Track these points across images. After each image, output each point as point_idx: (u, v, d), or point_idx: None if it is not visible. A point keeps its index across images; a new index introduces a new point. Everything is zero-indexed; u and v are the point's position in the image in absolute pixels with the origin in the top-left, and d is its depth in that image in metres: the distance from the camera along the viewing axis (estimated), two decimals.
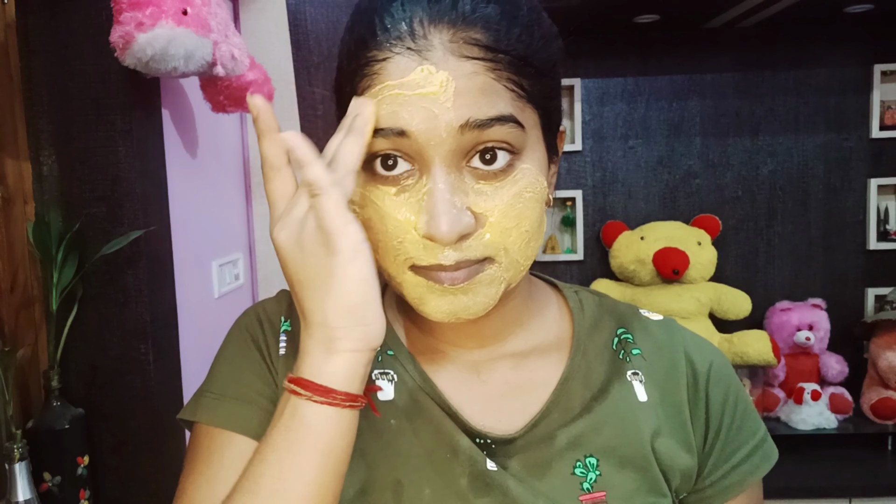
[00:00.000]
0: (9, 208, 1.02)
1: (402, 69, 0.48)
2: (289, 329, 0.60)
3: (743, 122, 1.99)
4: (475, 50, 0.47)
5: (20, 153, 1.05)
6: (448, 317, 0.51)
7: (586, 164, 2.00)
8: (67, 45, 1.05)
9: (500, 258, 0.51)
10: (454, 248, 0.49)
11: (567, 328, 0.62)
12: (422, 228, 0.48)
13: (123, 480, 1.10)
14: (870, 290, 2.00)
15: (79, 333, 1.08)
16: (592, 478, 0.55)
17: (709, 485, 0.59)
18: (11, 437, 0.93)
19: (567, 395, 0.58)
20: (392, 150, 0.49)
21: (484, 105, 0.48)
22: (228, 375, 0.59)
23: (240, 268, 1.63)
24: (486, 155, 0.49)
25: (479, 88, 0.47)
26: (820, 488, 1.65)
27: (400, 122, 0.48)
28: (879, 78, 1.94)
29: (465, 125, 0.47)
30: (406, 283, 0.52)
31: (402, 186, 0.50)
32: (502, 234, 0.50)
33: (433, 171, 0.48)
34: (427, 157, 0.48)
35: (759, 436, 0.60)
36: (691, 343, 0.62)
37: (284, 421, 0.47)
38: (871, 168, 1.98)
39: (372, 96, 0.49)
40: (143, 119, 1.12)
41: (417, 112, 0.47)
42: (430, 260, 0.49)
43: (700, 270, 1.86)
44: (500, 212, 0.50)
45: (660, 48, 1.96)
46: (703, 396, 0.59)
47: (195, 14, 1.01)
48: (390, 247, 0.51)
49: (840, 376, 1.91)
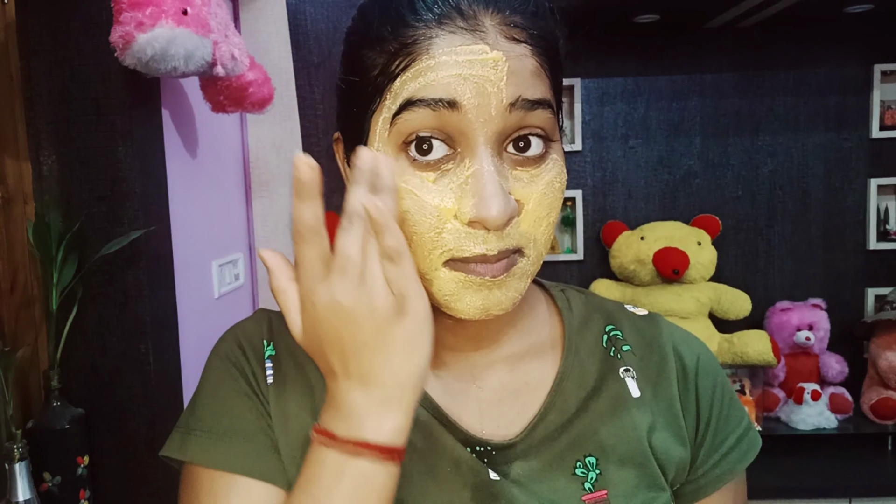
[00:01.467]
0: (9, 208, 1.02)
1: (456, 45, 0.47)
2: (273, 354, 0.58)
3: (743, 122, 1.99)
4: (524, 35, 0.48)
5: (20, 153, 1.05)
6: (480, 313, 0.50)
7: (586, 164, 2.00)
8: (67, 45, 1.05)
9: (529, 250, 0.50)
10: (497, 235, 0.48)
11: (557, 327, 0.62)
12: (469, 213, 0.47)
13: (123, 480, 1.10)
14: (870, 290, 2.00)
15: (79, 333, 1.08)
16: (593, 477, 0.55)
17: (701, 475, 0.59)
18: (11, 437, 0.93)
19: (563, 395, 0.58)
20: (434, 128, 0.47)
21: (532, 87, 0.48)
22: (218, 411, 0.56)
23: (240, 268, 1.63)
24: (520, 143, 0.49)
25: (528, 70, 0.48)
26: (820, 488, 1.65)
27: (452, 93, 0.46)
28: (879, 78, 1.94)
29: (514, 104, 0.47)
30: (438, 280, 0.49)
31: (442, 171, 0.48)
32: (535, 223, 0.50)
33: (478, 153, 0.47)
34: (472, 136, 0.47)
35: (745, 424, 0.61)
36: (678, 337, 0.62)
37: (348, 483, 0.45)
38: (871, 168, 1.98)
39: (419, 70, 0.47)
40: (143, 119, 1.12)
41: (470, 86, 0.47)
42: (474, 250, 0.48)
43: (700, 270, 1.86)
44: (536, 200, 0.49)
45: (660, 48, 1.96)
46: (693, 389, 0.60)
47: (195, 14, 1.01)
48: (426, 239, 0.48)
49: (840, 376, 1.91)
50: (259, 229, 1.69)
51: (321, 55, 1.89)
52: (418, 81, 0.47)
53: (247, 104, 1.26)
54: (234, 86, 1.20)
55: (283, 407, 0.56)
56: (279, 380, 0.57)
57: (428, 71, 0.47)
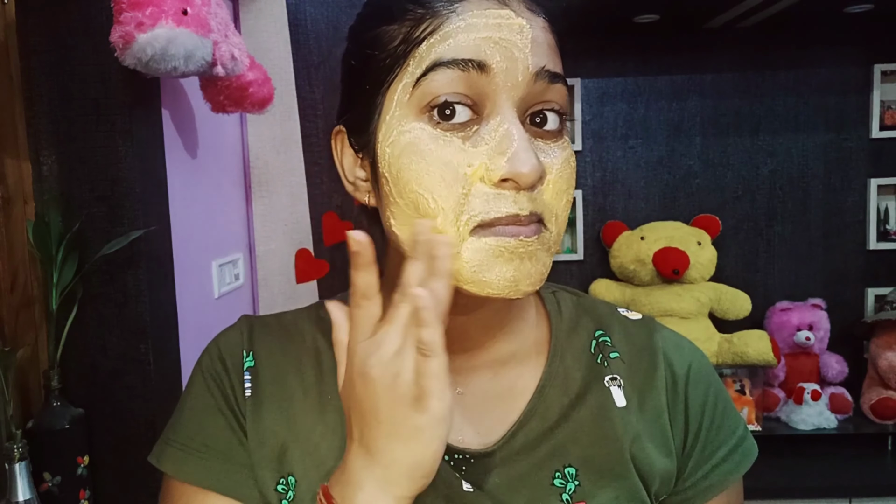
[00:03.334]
0: (9, 208, 1.02)
1: (485, 8, 0.48)
2: (252, 365, 0.58)
3: (743, 122, 1.98)
4: (541, 9, 0.50)
5: (20, 153, 1.05)
6: (509, 286, 0.48)
7: (586, 164, 2.00)
8: (67, 45, 1.05)
9: (551, 224, 0.50)
10: (527, 196, 0.47)
11: (545, 331, 0.60)
12: (500, 169, 0.46)
13: (123, 480, 1.10)
14: (870, 290, 2.00)
15: (79, 333, 1.08)
16: (571, 488, 0.54)
17: (689, 486, 0.57)
18: (11, 437, 0.93)
19: (545, 402, 0.56)
20: (460, 92, 0.47)
21: (552, 60, 0.49)
22: (194, 427, 0.57)
23: (240, 268, 1.63)
24: (537, 118, 0.50)
25: (549, 44, 0.50)
26: (820, 488, 1.64)
27: (482, 56, 0.47)
28: (879, 78, 1.94)
29: (539, 72, 0.48)
30: (466, 251, 0.47)
31: (467, 134, 0.48)
32: (557, 195, 0.50)
33: (507, 115, 0.48)
34: (499, 99, 0.48)
35: (739, 433, 0.59)
36: (670, 344, 0.61)
37: None
38: (871, 168, 1.98)
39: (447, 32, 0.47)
40: (143, 119, 1.12)
41: (498, 50, 0.47)
42: (506, 209, 0.47)
43: (700, 270, 1.86)
44: (558, 170, 0.50)
45: (660, 48, 1.96)
46: (682, 399, 0.58)
47: (195, 14, 1.01)
48: (453, 201, 0.47)
49: (840, 376, 1.91)
50: (259, 229, 1.69)
51: (321, 55, 1.89)
52: (448, 43, 0.47)
53: (247, 104, 1.26)
54: (234, 86, 1.20)
55: (259, 421, 0.56)
56: (256, 393, 0.57)
57: (459, 32, 0.47)
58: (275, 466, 0.55)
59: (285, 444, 0.55)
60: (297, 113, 1.73)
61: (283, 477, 0.55)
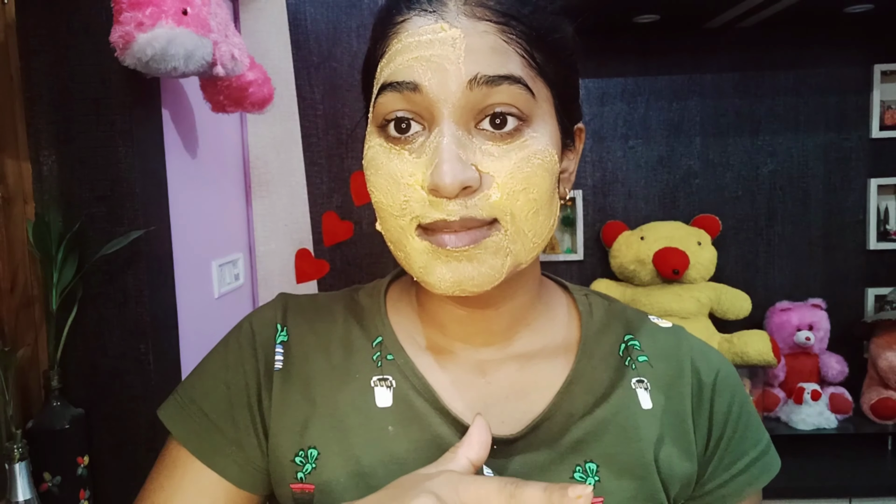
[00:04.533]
0: (9, 208, 1.02)
1: (419, 26, 0.50)
2: (285, 339, 0.60)
3: (743, 122, 1.98)
4: (487, 13, 0.50)
5: (20, 153, 1.05)
6: (453, 287, 0.51)
7: (586, 164, 2.00)
8: (67, 45, 1.05)
9: (507, 223, 0.50)
10: (459, 203, 0.49)
11: (575, 331, 0.62)
12: (427, 180, 0.49)
13: (123, 480, 1.10)
14: (870, 290, 2.00)
15: (79, 333, 1.08)
16: (591, 483, 0.55)
17: (707, 492, 0.59)
18: (11, 437, 0.93)
19: (570, 399, 0.57)
20: (406, 109, 0.50)
21: (494, 63, 0.49)
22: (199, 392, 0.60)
23: (240, 268, 1.63)
24: (497, 119, 0.50)
25: (489, 47, 0.49)
26: (820, 488, 1.64)
27: (413, 76, 0.49)
28: (879, 78, 1.94)
29: (473, 80, 0.49)
30: (413, 252, 0.51)
31: (413, 147, 0.51)
32: (509, 196, 0.50)
33: (442, 127, 0.49)
34: (437, 113, 0.49)
35: (761, 447, 0.60)
36: (698, 352, 0.62)
37: None
38: (871, 168, 1.98)
39: (391, 55, 0.51)
40: (143, 119, 1.12)
41: (430, 67, 0.49)
42: (436, 215, 0.49)
43: (700, 270, 1.86)
44: (508, 173, 0.50)
45: (660, 48, 1.96)
46: (707, 406, 0.59)
47: (195, 14, 1.01)
48: (397, 207, 0.51)
49: (840, 376, 1.91)
50: (259, 229, 1.69)
51: (321, 55, 1.89)
52: (390, 67, 0.51)
53: (247, 104, 1.26)
54: (234, 86, 1.20)
55: (287, 392, 0.58)
56: (287, 367, 0.59)
57: (397, 55, 0.51)
58: (296, 439, 0.57)
59: (308, 418, 0.57)
60: (297, 113, 1.73)
61: (304, 449, 0.56)
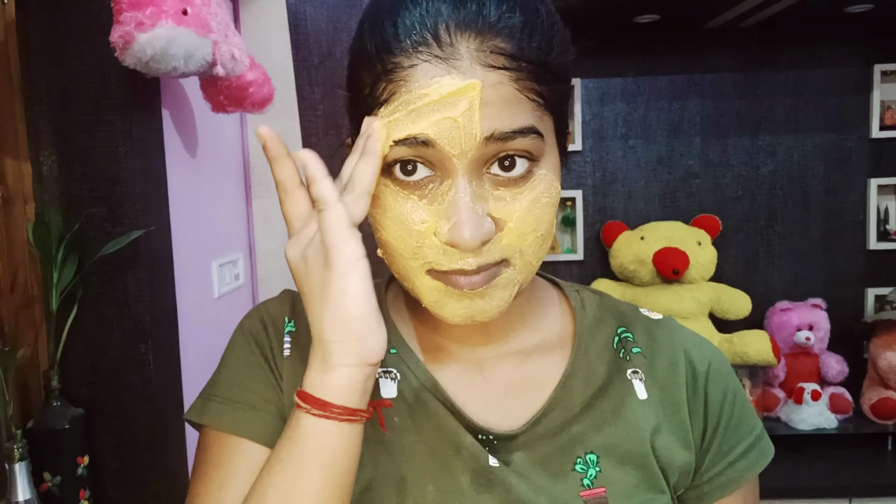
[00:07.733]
0: (9, 208, 1.02)
1: (430, 77, 0.47)
2: (293, 330, 0.61)
3: (743, 122, 1.98)
4: (500, 59, 0.47)
5: (20, 153, 1.05)
6: (464, 320, 0.52)
7: (586, 164, 2.00)
8: (67, 45, 1.05)
9: (516, 261, 0.51)
10: (475, 253, 0.49)
11: (569, 327, 0.63)
12: (444, 235, 0.49)
13: (123, 480, 1.10)
14: (870, 290, 2.00)
15: (79, 333, 1.08)
16: (592, 474, 0.56)
17: (706, 480, 0.59)
18: (11, 437, 0.93)
19: (569, 392, 0.58)
20: (413, 157, 0.49)
21: (508, 117, 0.48)
22: (233, 380, 0.60)
23: (240, 268, 1.63)
24: (506, 162, 0.49)
25: (503, 100, 0.48)
26: (820, 488, 1.64)
27: (426, 132, 0.48)
28: (879, 78, 1.94)
29: (489, 137, 0.48)
30: (424, 287, 0.52)
31: (423, 192, 0.50)
32: (519, 238, 0.50)
33: (456, 180, 0.49)
34: (450, 166, 0.49)
35: (756, 433, 0.61)
36: (691, 342, 0.63)
37: (289, 433, 0.48)
38: (871, 168, 1.98)
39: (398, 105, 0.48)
40: (143, 119, 1.12)
41: (442, 122, 0.47)
42: (451, 265, 0.50)
43: (700, 270, 1.86)
44: (519, 217, 0.50)
45: (660, 48, 1.96)
46: (701, 394, 0.60)
47: (195, 14, 1.01)
48: (409, 251, 0.51)
49: (840, 376, 1.91)
50: (259, 229, 1.69)
51: (321, 55, 1.89)
52: (397, 118, 0.48)
53: (247, 104, 1.26)
54: (234, 86, 1.20)
55: (296, 380, 0.59)
56: (295, 354, 0.60)
57: (404, 106, 0.48)
58: None
59: None
60: (297, 113, 1.73)
61: None
